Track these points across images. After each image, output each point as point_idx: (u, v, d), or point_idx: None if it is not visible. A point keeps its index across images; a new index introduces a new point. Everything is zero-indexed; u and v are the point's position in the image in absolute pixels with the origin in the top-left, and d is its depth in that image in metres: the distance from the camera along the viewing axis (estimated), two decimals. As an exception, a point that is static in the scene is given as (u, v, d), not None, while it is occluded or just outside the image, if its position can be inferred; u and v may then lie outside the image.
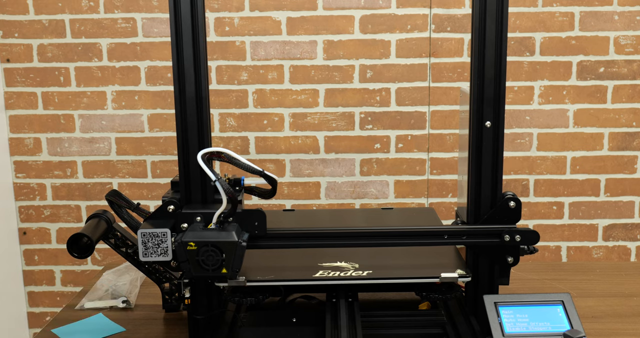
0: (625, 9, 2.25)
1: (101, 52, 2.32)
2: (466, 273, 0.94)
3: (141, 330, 1.09)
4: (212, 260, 0.89)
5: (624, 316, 1.09)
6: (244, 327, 1.01)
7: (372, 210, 1.71)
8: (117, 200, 1.00)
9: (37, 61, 2.33)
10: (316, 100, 2.33)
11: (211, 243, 0.88)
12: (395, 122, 2.34)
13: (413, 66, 2.30)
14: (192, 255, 0.88)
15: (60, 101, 2.35)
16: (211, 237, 0.89)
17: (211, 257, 0.88)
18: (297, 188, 2.39)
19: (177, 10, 0.91)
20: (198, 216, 0.92)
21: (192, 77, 0.92)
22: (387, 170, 2.37)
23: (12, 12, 2.30)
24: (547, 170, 2.36)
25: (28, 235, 2.44)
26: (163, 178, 2.39)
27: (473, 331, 0.96)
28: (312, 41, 2.30)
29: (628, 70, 2.29)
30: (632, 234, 2.40)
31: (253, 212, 0.94)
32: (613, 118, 2.33)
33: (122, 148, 2.38)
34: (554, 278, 1.24)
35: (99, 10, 2.28)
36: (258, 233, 0.94)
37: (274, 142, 2.36)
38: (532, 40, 2.28)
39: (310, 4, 2.27)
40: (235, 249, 0.88)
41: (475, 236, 0.96)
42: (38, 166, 2.40)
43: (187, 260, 0.88)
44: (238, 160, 0.90)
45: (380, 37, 2.29)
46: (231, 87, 2.33)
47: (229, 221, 0.92)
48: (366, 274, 0.96)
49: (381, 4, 2.27)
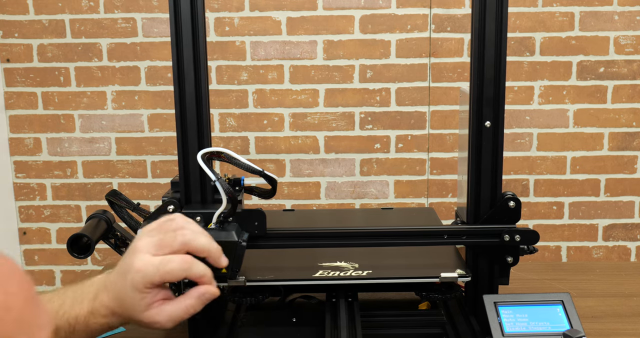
0: (625, 9, 2.25)
1: (101, 52, 2.32)
2: (466, 273, 0.94)
3: (141, 330, 1.09)
4: None
5: (624, 316, 1.09)
6: (244, 327, 1.01)
7: (372, 210, 1.71)
8: (117, 200, 1.00)
9: (37, 61, 2.33)
10: (316, 100, 2.33)
11: None
12: (395, 122, 2.34)
13: (413, 66, 2.30)
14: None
15: (60, 101, 2.35)
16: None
17: None
18: (297, 188, 2.39)
19: (177, 10, 0.91)
20: (198, 216, 0.92)
21: (192, 77, 0.92)
22: (387, 170, 2.37)
23: (12, 12, 2.30)
24: (547, 170, 2.36)
25: (28, 235, 2.44)
26: (163, 178, 2.39)
27: (473, 331, 0.96)
28: (312, 41, 2.30)
29: (628, 70, 2.29)
30: (632, 234, 2.40)
31: (253, 212, 0.94)
32: (613, 118, 2.33)
33: (122, 148, 2.38)
34: (554, 278, 1.24)
35: (99, 10, 2.28)
36: (258, 233, 0.94)
37: (274, 142, 2.36)
38: (532, 40, 2.28)
39: (310, 4, 2.27)
40: (235, 249, 0.88)
41: (475, 236, 0.96)
42: (38, 166, 2.40)
43: None
44: (238, 160, 0.89)
45: (380, 37, 2.29)
46: (231, 87, 2.33)
47: (228, 221, 0.92)
48: (366, 274, 0.96)
49: (381, 4, 2.27)
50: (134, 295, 0.76)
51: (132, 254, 0.78)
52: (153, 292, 0.77)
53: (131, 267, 0.76)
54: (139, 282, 0.76)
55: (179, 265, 0.76)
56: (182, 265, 0.76)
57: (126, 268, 0.77)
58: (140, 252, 0.77)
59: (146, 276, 0.75)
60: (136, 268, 0.76)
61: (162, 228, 0.79)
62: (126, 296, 0.76)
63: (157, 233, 0.79)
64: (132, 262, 0.76)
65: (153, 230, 0.80)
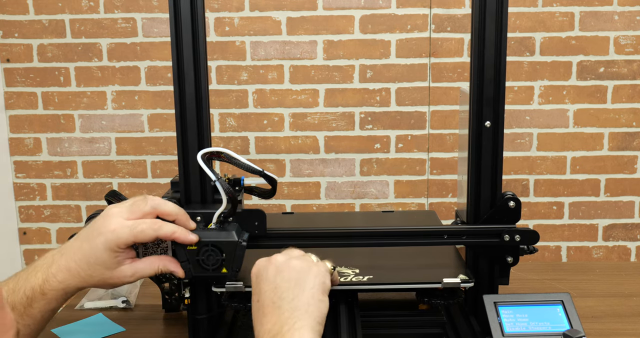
0: (625, 9, 2.25)
1: (101, 52, 2.32)
2: (469, 278, 0.94)
3: (141, 330, 1.09)
4: (212, 260, 0.89)
5: (624, 316, 1.09)
6: (243, 327, 1.01)
7: (372, 213, 1.71)
8: (117, 200, 1.00)
9: (37, 61, 2.33)
10: (316, 100, 2.33)
11: (211, 243, 0.88)
12: (395, 122, 2.34)
13: (413, 66, 2.30)
14: (192, 255, 0.88)
15: (60, 101, 2.35)
16: (211, 237, 0.89)
17: (211, 256, 0.89)
18: (297, 188, 2.39)
19: (177, 10, 0.91)
20: (198, 216, 0.92)
21: (192, 77, 0.92)
22: (387, 170, 2.37)
23: (12, 12, 2.30)
24: (547, 170, 2.36)
25: (28, 235, 2.44)
26: (163, 178, 2.39)
27: (473, 331, 0.96)
28: (312, 41, 2.30)
29: (628, 70, 2.29)
30: (632, 234, 2.40)
31: (253, 212, 0.94)
32: (613, 118, 2.33)
33: (122, 148, 2.38)
34: (554, 278, 1.24)
35: (99, 10, 2.28)
36: (258, 233, 0.94)
37: (274, 142, 2.36)
38: (532, 40, 2.28)
39: (310, 4, 2.27)
40: (236, 249, 0.88)
41: (475, 236, 0.96)
42: (38, 166, 2.40)
43: (188, 260, 0.89)
44: (238, 160, 0.89)
45: (380, 37, 2.29)
46: (231, 87, 2.33)
47: (229, 221, 0.92)
48: (366, 279, 0.95)
49: (381, 4, 2.27)
50: (106, 254, 0.84)
51: (104, 219, 0.85)
52: (125, 251, 0.86)
53: (105, 229, 0.84)
54: (112, 241, 0.84)
55: (150, 225, 0.85)
56: (152, 225, 0.85)
57: (97, 232, 0.84)
58: (113, 216, 0.85)
59: (120, 237, 0.83)
60: (111, 229, 0.84)
61: (133, 199, 0.89)
62: (95, 257, 0.84)
63: (129, 202, 0.88)
64: (105, 225, 0.84)
65: (126, 201, 0.89)
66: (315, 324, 0.73)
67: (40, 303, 0.84)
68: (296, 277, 0.76)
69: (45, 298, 0.84)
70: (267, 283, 0.77)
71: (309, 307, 0.74)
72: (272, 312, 0.75)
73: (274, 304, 0.75)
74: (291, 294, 0.75)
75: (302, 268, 0.77)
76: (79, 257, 0.85)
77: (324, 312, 0.75)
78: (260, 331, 0.74)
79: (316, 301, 0.75)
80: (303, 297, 0.75)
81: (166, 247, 0.90)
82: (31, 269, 0.86)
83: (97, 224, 0.85)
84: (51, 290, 0.84)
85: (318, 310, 0.75)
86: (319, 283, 0.76)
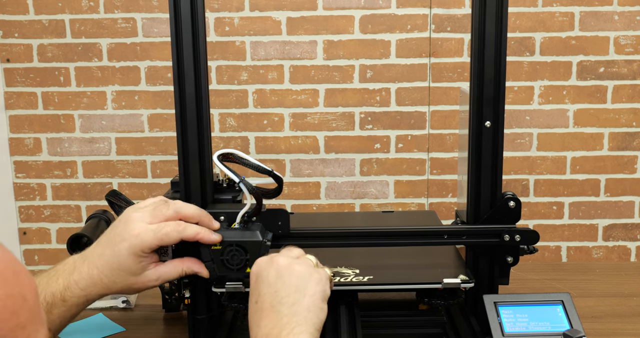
0: (625, 9, 2.25)
1: (101, 52, 2.32)
2: (469, 278, 0.94)
3: (141, 330, 1.10)
4: (236, 260, 0.89)
5: (624, 316, 1.09)
6: (244, 327, 1.01)
7: (372, 213, 1.71)
8: (117, 200, 1.00)
9: (37, 61, 2.33)
10: (316, 100, 2.33)
11: (236, 242, 0.89)
12: (395, 122, 2.34)
13: (413, 66, 2.30)
14: (216, 255, 0.89)
15: (60, 101, 2.35)
16: (236, 237, 0.89)
17: (236, 256, 0.89)
18: (297, 188, 2.39)
19: (177, 10, 0.91)
20: (222, 215, 0.92)
21: (192, 77, 0.92)
22: (387, 170, 2.37)
23: (12, 12, 2.30)
24: (547, 170, 2.36)
25: (28, 235, 2.44)
26: (163, 178, 2.39)
27: (473, 331, 0.96)
28: (312, 41, 2.30)
29: (628, 70, 2.29)
30: (632, 234, 2.40)
31: (276, 212, 0.94)
32: (613, 118, 2.33)
33: (122, 148, 2.38)
34: (554, 278, 1.24)
35: (99, 10, 2.28)
36: (281, 233, 0.94)
37: (274, 142, 2.36)
38: (532, 40, 2.28)
39: (310, 4, 2.27)
40: (260, 249, 0.88)
41: (475, 236, 0.96)
42: (38, 166, 2.40)
43: (212, 260, 0.89)
44: (247, 160, 0.90)
45: (380, 37, 2.29)
46: (231, 87, 2.33)
47: (252, 221, 0.92)
48: (367, 280, 0.95)
49: (381, 4, 2.27)
50: (130, 260, 0.83)
51: (125, 224, 0.84)
52: (150, 256, 0.86)
53: (128, 234, 0.83)
54: (136, 246, 0.83)
55: (174, 228, 0.84)
56: (176, 227, 0.84)
57: (119, 237, 0.83)
58: (135, 220, 0.84)
59: (145, 241, 0.83)
60: (134, 234, 0.83)
61: (154, 204, 0.87)
62: (119, 263, 0.83)
63: (150, 206, 0.87)
64: (128, 230, 0.83)
65: (147, 206, 0.87)
66: (313, 331, 0.73)
67: (60, 310, 0.83)
68: (297, 283, 0.76)
69: (65, 305, 0.83)
70: (267, 286, 0.77)
71: (309, 313, 0.74)
72: (271, 315, 0.74)
73: (273, 308, 0.75)
74: (291, 299, 0.75)
75: (304, 274, 0.77)
76: (101, 264, 0.84)
77: (323, 319, 0.75)
78: (257, 333, 0.74)
79: (316, 308, 0.75)
80: (303, 303, 0.74)
81: (166, 247, 0.90)
82: (52, 274, 0.85)
83: (118, 229, 0.84)
84: (72, 297, 0.84)
85: (317, 317, 0.74)
86: (320, 291, 0.76)
